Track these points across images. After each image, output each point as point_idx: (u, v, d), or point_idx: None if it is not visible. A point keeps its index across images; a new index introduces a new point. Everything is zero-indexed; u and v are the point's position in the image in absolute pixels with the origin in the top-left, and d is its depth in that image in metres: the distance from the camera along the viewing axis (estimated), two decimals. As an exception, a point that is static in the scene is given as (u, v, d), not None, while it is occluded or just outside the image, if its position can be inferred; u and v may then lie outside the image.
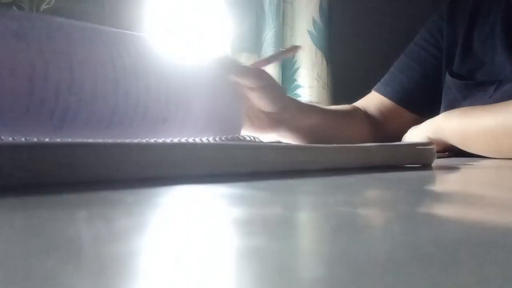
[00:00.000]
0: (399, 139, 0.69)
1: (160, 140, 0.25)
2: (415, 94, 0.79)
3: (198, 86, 0.31)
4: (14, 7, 0.79)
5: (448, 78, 0.76)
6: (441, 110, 0.75)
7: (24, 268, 0.09)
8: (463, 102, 0.73)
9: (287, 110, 0.54)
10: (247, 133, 0.52)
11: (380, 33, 1.15)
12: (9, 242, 0.11)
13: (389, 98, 0.79)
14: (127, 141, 0.23)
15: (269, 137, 0.55)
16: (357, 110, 0.77)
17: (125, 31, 0.27)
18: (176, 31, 0.89)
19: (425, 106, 0.79)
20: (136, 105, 0.26)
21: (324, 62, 1.03)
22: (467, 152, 0.60)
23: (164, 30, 0.89)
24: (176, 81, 0.29)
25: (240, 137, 0.33)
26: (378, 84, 0.82)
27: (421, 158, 0.38)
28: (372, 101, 0.80)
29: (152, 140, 0.24)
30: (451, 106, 0.74)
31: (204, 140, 0.27)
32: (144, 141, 0.24)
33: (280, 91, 0.54)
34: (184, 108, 0.30)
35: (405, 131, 0.69)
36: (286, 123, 0.55)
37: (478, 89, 0.72)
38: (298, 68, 1.03)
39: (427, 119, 0.66)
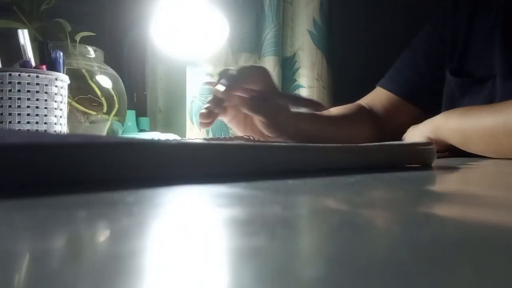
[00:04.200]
0: (402, 136, 0.69)
1: (160, 140, 0.25)
2: (420, 88, 0.79)
3: None
4: (14, 7, 0.79)
5: (447, 75, 0.77)
6: (442, 109, 0.75)
7: (24, 268, 0.09)
8: (463, 100, 0.73)
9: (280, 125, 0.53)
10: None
11: (380, 33, 1.15)
12: (9, 242, 0.11)
13: (394, 92, 0.79)
14: (127, 141, 0.23)
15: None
16: (360, 111, 0.75)
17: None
18: (175, 31, 0.89)
19: (430, 100, 0.79)
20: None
21: (324, 62, 1.03)
22: (467, 152, 0.60)
23: (163, 30, 0.89)
24: None
25: (240, 137, 0.33)
26: (383, 79, 0.82)
27: (421, 158, 0.38)
28: (377, 97, 0.80)
29: (152, 140, 0.24)
30: (450, 104, 0.74)
31: (204, 140, 0.27)
32: (144, 141, 0.24)
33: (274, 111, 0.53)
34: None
35: (409, 127, 0.69)
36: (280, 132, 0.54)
37: (475, 85, 0.72)
38: (298, 68, 1.03)
39: (431, 115, 0.66)
